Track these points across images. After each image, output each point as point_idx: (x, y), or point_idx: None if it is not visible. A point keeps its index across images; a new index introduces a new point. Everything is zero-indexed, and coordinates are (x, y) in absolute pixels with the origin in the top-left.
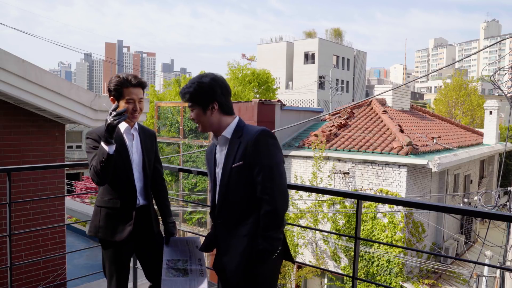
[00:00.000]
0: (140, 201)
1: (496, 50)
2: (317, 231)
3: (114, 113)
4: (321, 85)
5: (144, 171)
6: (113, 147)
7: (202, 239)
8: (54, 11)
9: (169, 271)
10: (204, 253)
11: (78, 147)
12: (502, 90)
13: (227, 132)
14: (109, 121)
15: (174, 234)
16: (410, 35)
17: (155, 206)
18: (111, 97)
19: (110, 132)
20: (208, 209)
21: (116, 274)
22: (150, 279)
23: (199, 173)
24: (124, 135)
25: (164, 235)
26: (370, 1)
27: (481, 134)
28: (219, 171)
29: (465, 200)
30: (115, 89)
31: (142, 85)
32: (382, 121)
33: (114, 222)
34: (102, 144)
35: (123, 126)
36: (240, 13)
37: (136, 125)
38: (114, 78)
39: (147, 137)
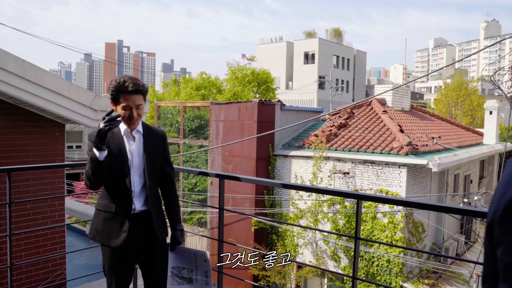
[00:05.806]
0: (138, 206)
1: (496, 50)
2: (317, 231)
3: (106, 118)
4: (321, 85)
5: (145, 175)
6: (104, 153)
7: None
8: (50, 11)
9: (174, 278)
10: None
11: (78, 147)
12: (502, 90)
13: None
14: (100, 127)
15: (181, 243)
16: (407, 35)
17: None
18: (111, 100)
19: (101, 138)
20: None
21: (115, 280)
22: None
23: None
24: (124, 138)
25: (170, 243)
26: (365, 1)
27: (481, 134)
28: None
29: (465, 200)
30: (112, 94)
31: (140, 92)
32: (382, 121)
33: (110, 227)
34: (94, 149)
35: (123, 128)
36: (236, 12)
37: (140, 127)
38: (112, 81)
39: (154, 139)
